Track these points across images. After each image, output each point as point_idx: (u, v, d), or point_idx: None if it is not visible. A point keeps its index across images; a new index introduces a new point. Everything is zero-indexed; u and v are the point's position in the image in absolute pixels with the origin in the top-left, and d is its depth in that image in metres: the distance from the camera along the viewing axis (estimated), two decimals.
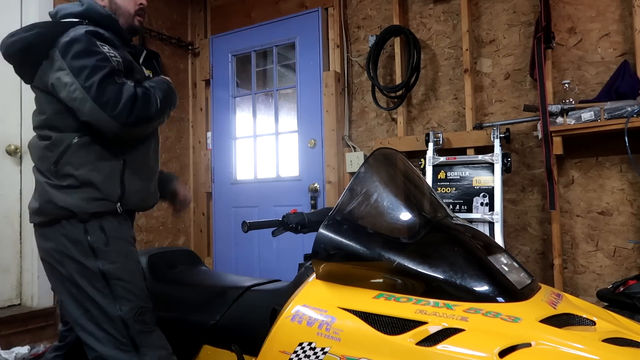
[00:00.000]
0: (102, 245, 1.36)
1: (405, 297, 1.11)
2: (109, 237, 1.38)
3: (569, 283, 2.46)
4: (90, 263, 1.35)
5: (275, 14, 3.45)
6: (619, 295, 1.78)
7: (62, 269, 1.37)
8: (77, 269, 1.35)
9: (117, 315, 1.33)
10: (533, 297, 1.12)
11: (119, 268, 1.37)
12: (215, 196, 3.65)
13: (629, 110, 2.10)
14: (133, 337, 1.34)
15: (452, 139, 2.72)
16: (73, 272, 1.35)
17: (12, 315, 2.57)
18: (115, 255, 1.38)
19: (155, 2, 3.56)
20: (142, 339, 1.35)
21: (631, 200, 2.35)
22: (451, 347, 0.96)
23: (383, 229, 1.30)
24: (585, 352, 0.91)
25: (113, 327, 1.33)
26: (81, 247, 1.35)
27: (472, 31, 2.77)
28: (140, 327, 1.36)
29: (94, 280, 1.35)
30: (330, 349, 1.07)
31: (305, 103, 3.28)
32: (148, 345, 1.35)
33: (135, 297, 1.38)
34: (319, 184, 3.17)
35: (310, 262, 1.35)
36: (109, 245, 1.37)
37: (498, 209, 2.31)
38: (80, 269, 1.35)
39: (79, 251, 1.35)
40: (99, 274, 1.35)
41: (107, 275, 1.35)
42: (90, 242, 1.35)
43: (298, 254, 2.94)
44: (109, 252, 1.37)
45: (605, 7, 2.42)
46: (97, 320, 1.34)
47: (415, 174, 1.47)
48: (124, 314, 1.34)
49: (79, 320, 1.36)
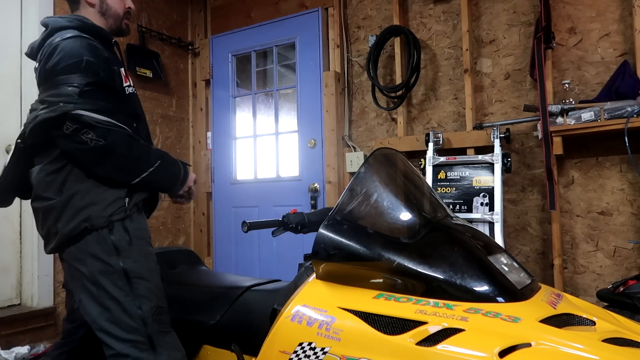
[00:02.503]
0: (125, 244, 1.38)
1: (405, 297, 1.11)
2: (132, 236, 1.40)
3: (569, 283, 2.46)
4: (114, 261, 1.36)
5: (275, 14, 3.45)
6: (619, 295, 1.78)
7: (83, 268, 1.37)
8: (100, 267, 1.36)
9: (137, 313, 1.35)
10: (533, 297, 1.12)
11: (141, 267, 1.39)
12: (215, 196, 3.65)
13: (629, 110, 2.10)
14: (151, 336, 1.35)
15: (452, 139, 2.72)
16: (95, 270, 1.36)
17: (12, 315, 2.57)
18: (137, 254, 1.39)
19: (155, 2, 3.56)
20: (159, 338, 1.36)
21: (631, 200, 2.35)
22: (451, 347, 0.96)
23: (383, 229, 1.30)
24: (585, 352, 0.91)
25: (132, 326, 1.34)
26: (105, 245, 1.36)
27: (472, 31, 2.77)
28: (158, 327, 1.37)
29: (116, 279, 1.36)
30: (330, 349, 1.07)
31: (305, 103, 3.28)
32: (164, 346, 1.37)
33: (155, 296, 1.40)
34: (319, 184, 3.17)
35: (310, 262, 1.35)
36: (132, 245, 1.39)
37: (498, 209, 2.31)
38: (103, 267, 1.36)
39: (103, 250, 1.36)
40: (122, 272, 1.36)
41: (129, 274, 1.36)
42: (114, 240, 1.37)
43: (298, 254, 2.94)
44: (132, 251, 1.38)
45: (605, 7, 2.42)
46: (116, 319, 1.35)
47: (415, 174, 1.47)
48: (144, 313, 1.35)
49: (98, 319, 1.36)
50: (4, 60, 2.76)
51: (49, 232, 1.41)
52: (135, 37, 3.38)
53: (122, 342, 1.33)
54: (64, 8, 2.94)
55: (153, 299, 1.39)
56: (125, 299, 1.35)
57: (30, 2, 2.81)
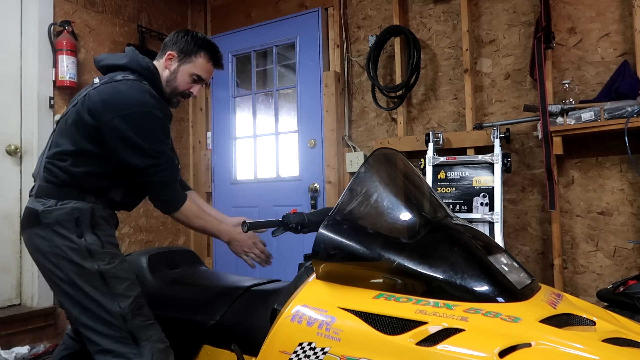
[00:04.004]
0: (98, 247, 1.43)
1: (405, 297, 1.11)
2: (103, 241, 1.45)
3: (569, 283, 2.46)
4: (88, 264, 1.41)
5: (275, 14, 3.45)
6: (619, 295, 1.78)
7: (58, 272, 1.42)
8: (75, 270, 1.41)
9: (116, 311, 1.39)
10: (533, 297, 1.12)
11: (115, 267, 1.44)
12: (215, 196, 3.65)
13: (629, 110, 2.10)
14: (132, 331, 1.39)
15: (452, 139, 2.72)
16: (70, 273, 1.41)
17: (12, 315, 2.57)
18: (110, 257, 1.45)
19: (155, 2, 3.56)
20: (141, 332, 1.40)
21: (631, 200, 2.35)
22: (451, 347, 0.96)
23: (383, 229, 1.30)
24: (585, 352, 0.91)
25: (113, 323, 1.38)
26: (78, 249, 1.41)
27: (472, 31, 2.77)
28: (139, 321, 1.41)
29: (92, 280, 1.40)
30: (330, 349, 1.07)
31: (305, 103, 3.28)
32: (146, 339, 1.40)
33: (132, 292, 1.43)
34: (319, 184, 3.17)
35: (310, 262, 1.35)
36: (105, 248, 1.44)
37: (498, 209, 2.31)
38: (78, 270, 1.41)
39: (76, 254, 1.41)
40: (97, 274, 1.40)
41: (104, 275, 1.41)
42: (87, 244, 1.42)
43: (298, 254, 2.93)
44: (105, 254, 1.44)
45: (605, 7, 2.42)
46: (97, 317, 1.39)
47: (415, 174, 1.47)
48: (123, 310, 1.39)
49: (80, 318, 1.41)
50: (4, 60, 2.76)
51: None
52: (135, 37, 3.38)
53: (105, 337, 1.38)
54: (63, 8, 2.95)
55: (130, 295, 1.42)
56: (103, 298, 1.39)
57: (30, 2, 2.81)
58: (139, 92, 1.46)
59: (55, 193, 1.46)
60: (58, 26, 2.88)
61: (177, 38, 1.63)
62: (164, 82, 1.62)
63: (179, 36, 1.63)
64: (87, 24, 3.09)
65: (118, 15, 3.29)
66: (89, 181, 1.47)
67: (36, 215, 1.44)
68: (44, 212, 1.43)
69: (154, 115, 1.46)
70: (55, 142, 1.51)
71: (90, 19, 3.11)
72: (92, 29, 3.12)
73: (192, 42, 1.62)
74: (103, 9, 3.20)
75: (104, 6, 3.21)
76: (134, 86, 1.46)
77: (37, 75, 2.79)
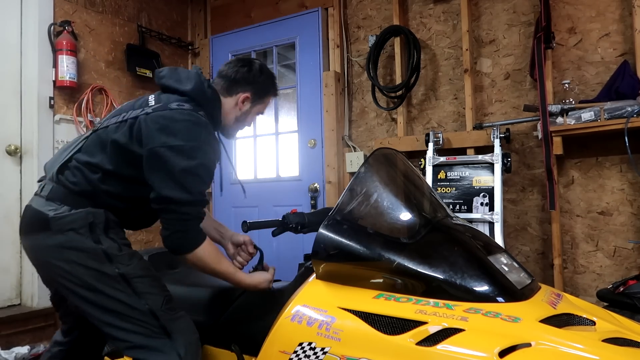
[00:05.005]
0: (116, 250, 1.38)
1: (405, 297, 1.11)
2: (120, 244, 1.40)
3: (569, 283, 2.46)
4: (107, 268, 1.35)
5: (275, 14, 3.45)
6: (619, 295, 1.77)
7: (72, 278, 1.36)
8: (93, 275, 1.35)
9: (145, 309, 1.35)
10: (533, 297, 1.13)
11: (135, 267, 1.39)
12: (215, 196, 3.65)
13: (629, 110, 2.10)
14: (164, 326, 1.35)
15: (452, 139, 2.72)
16: (87, 278, 1.35)
17: (12, 315, 2.57)
18: (128, 258, 1.40)
19: (155, 2, 3.56)
20: (173, 325, 1.37)
21: (631, 200, 2.35)
22: (451, 347, 0.96)
23: (383, 229, 1.31)
24: (585, 352, 0.91)
25: (143, 320, 1.35)
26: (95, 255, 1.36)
27: (472, 31, 2.77)
28: (169, 315, 1.38)
29: (114, 283, 1.35)
30: (330, 349, 1.07)
31: (305, 103, 3.28)
32: (179, 331, 1.37)
33: (157, 289, 1.40)
34: (319, 184, 3.17)
35: (310, 262, 1.36)
36: (122, 251, 1.39)
37: (498, 209, 2.31)
38: (96, 275, 1.35)
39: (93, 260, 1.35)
40: (119, 277, 1.35)
41: (126, 276, 1.36)
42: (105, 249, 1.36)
43: (298, 254, 2.93)
44: (123, 256, 1.39)
45: (605, 7, 2.42)
46: (123, 316, 1.35)
47: (415, 174, 1.47)
48: (152, 307, 1.35)
49: (105, 319, 1.36)
50: (4, 60, 2.76)
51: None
52: (135, 37, 3.38)
53: (135, 334, 1.34)
54: (63, 8, 2.95)
55: (156, 292, 1.39)
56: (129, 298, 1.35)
57: (30, 2, 2.81)
58: (195, 125, 1.38)
59: (70, 200, 1.39)
60: (58, 26, 2.88)
61: (251, 76, 1.56)
62: (231, 119, 1.57)
63: (251, 73, 1.56)
64: (87, 24, 3.09)
65: (118, 15, 3.29)
66: (106, 199, 1.42)
67: (45, 221, 1.37)
68: (55, 218, 1.36)
69: (203, 151, 1.39)
70: (91, 151, 1.44)
71: (90, 19, 3.11)
72: (92, 29, 3.12)
73: (267, 82, 1.59)
74: (103, 9, 3.20)
75: (104, 6, 3.21)
76: (191, 117, 1.39)
77: (37, 75, 2.78)
